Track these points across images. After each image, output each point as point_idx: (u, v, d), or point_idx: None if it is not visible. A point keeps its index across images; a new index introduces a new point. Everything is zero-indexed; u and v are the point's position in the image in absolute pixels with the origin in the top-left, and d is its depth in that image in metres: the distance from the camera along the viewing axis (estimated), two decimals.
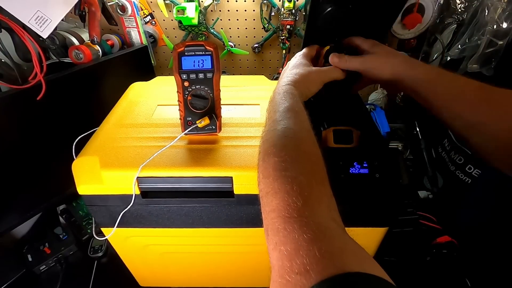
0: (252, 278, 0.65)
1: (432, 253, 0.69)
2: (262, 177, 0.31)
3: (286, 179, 0.28)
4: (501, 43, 0.67)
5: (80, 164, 0.46)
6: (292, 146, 0.32)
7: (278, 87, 0.43)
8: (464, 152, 0.70)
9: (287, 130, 0.33)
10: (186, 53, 0.45)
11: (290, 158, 0.30)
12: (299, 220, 0.25)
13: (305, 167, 0.30)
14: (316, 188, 0.29)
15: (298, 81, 0.43)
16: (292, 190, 0.27)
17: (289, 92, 0.40)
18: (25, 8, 0.53)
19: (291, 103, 0.38)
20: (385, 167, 0.45)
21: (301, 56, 0.49)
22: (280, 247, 0.24)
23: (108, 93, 0.70)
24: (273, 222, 0.26)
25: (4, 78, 0.61)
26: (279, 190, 0.28)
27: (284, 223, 0.25)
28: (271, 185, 0.29)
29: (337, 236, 0.25)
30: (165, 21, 0.86)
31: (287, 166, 0.29)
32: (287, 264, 0.23)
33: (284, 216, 0.26)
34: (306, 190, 0.27)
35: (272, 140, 0.33)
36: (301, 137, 0.34)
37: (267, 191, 0.29)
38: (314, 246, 0.23)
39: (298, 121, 0.35)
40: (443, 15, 0.77)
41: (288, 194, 0.27)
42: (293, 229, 0.25)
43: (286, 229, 0.25)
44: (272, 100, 0.41)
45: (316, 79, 0.45)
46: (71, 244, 0.72)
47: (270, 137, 0.34)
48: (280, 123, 0.34)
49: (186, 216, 0.50)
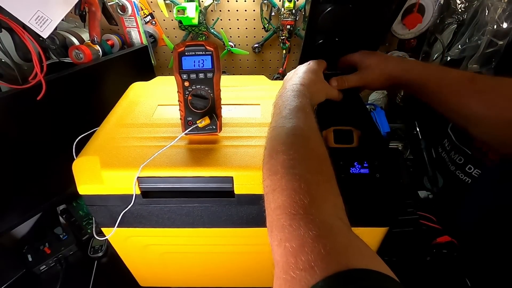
0: (252, 278, 0.65)
1: (432, 253, 0.69)
2: (269, 173, 0.31)
3: (294, 176, 0.28)
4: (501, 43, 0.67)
5: (80, 164, 0.46)
6: (301, 144, 0.32)
7: (289, 84, 0.43)
8: (464, 152, 0.70)
9: (297, 128, 0.34)
10: (187, 53, 0.45)
11: (299, 156, 0.30)
12: (305, 217, 0.25)
13: (313, 166, 0.30)
14: (323, 186, 0.29)
15: (310, 85, 0.44)
16: (299, 188, 0.27)
17: (301, 92, 0.41)
18: (25, 8, 0.53)
19: (302, 103, 0.38)
20: (386, 167, 0.45)
21: (315, 63, 0.50)
22: (285, 243, 0.24)
23: (108, 93, 0.70)
24: (278, 219, 0.26)
25: (4, 78, 0.61)
26: (286, 187, 0.28)
27: (290, 220, 0.25)
28: (279, 182, 0.29)
29: (343, 234, 0.25)
30: (165, 21, 0.86)
31: (295, 164, 0.29)
32: (292, 261, 0.23)
33: (290, 213, 0.26)
34: (313, 188, 0.27)
35: (281, 138, 0.33)
36: (309, 136, 0.34)
37: (274, 188, 0.29)
38: (319, 243, 0.23)
39: (308, 122, 0.36)
40: (443, 15, 0.77)
41: (295, 192, 0.27)
42: (299, 226, 0.25)
43: (291, 225, 0.25)
44: (281, 96, 0.41)
45: (324, 91, 0.48)
46: (71, 244, 0.72)
47: (278, 134, 0.34)
48: (290, 121, 0.35)
49: (187, 216, 0.50)
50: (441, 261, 0.68)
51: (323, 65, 0.52)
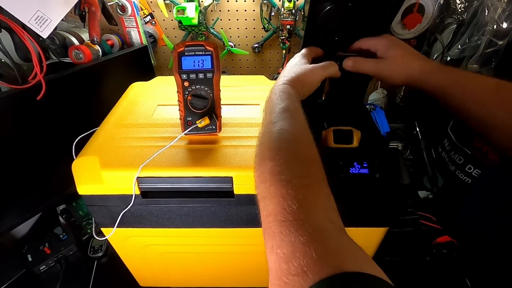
0: (252, 278, 0.65)
1: (432, 253, 0.69)
2: (259, 181, 0.31)
3: (282, 183, 0.28)
4: (501, 43, 0.67)
5: (80, 164, 0.46)
6: (288, 148, 0.32)
7: (274, 87, 0.42)
8: (464, 152, 0.70)
9: (283, 132, 0.33)
10: (186, 53, 0.45)
11: (286, 161, 0.30)
12: (295, 224, 0.25)
13: (300, 169, 0.30)
14: (311, 189, 0.29)
15: (294, 79, 0.43)
16: (287, 194, 0.27)
17: (285, 92, 0.40)
18: (25, 8, 0.53)
19: (287, 103, 0.38)
20: (385, 167, 0.45)
21: (300, 56, 0.49)
22: (276, 250, 0.24)
23: (108, 93, 0.70)
24: (269, 227, 0.27)
25: (4, 78, 0.61)
26: (275, 194, 0.28)
27: (280, 227, 0.25)
28: (267, 190, 0.29)
29: (334, 237, 0.25)
30: (165, 21, 0.86)
31: (282, 169, 0.29)
32: (284, 267, 0.23)
33: (280, 220, 0.26)
34: (301, 192, 0.27)
35: (268, 143, 0.33)
36: (297, 138, 0.33)
37: (264, 195, 0.29)
38: (311, 248, 0.23)
39: (294, 122, 0.35)
40: (443, 15, 0.77)
41: (283, 198, 0.27)
42: (289, 232, 0.25)
43: (282, 232, 0.25)
44: (268, 101, 0.40)
45: (314, 77, 0.45)
46: (71, 244, 0.72)
47: (265, 139, 0.33)
48: (276, 125, 0.34)
49: (186, 216, 0.50)
50: (441, 261, 0.68)
51: (313, 52, 0.49)
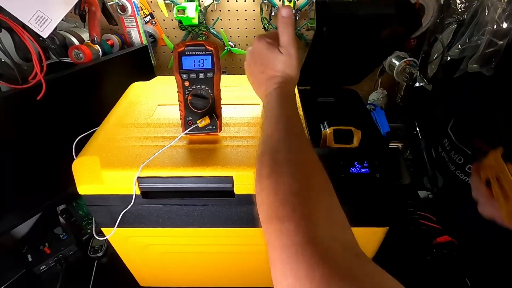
0: (252, 278, 0.65)
1: (432, 253, 0.69)
2: (258, 203, 0.31)
3: (279, 203, 0.29)
4: (501, 43, 0.67)
5: (80, 164, 0.46)
6: (284, 160, 0.31)
7: (264, 95, 0.41)
8: (464, 152, 0.70)
9: (278, 144, 0.33)
10: (187, 53, 0.45)
11: (281, 177, 0.30)
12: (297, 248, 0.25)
13: (298, 181, 0.30)
14: (310, 201, 0.28)
15: (280, 79, 0.40)
16: (283, 216, 0.27)
17: (274, 96, 0.39)
18: (25, 8, 0.53)
19: (279, 110, 0.37)
20: (386, 167, 0.45)
21: (260, 42, 0.41)
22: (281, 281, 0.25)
23: (108, 93, 0.70)
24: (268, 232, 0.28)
25: (4, 78, 0.61)
26: (271, 217, 0.29)
27: (281, 253, 0.26)
28: (266, 212, 0.30)
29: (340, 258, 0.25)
30: (165, 21, 0.86)
31: (278, 190, 0.29)
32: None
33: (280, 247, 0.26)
34: (298, 209, 0.27)
35: (265, 159, 0.32)
36: (293, 147, 0.33)
37: (262, 219, 0.30)
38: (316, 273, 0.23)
39: (289, 127, 0.35)
40: (443, 15, 0.77)
41: (280, 221, 0.27)
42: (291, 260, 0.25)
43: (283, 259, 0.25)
44: (263, 110, 0.40)
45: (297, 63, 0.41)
46: (71, 244, 0.72)
47: (262, 152, 0.33)
48: (273, 136, 0.34)
49: (187, 216, 0.50)
50: (441, 261, 0.68)
51: (269, 36, 0.42)
